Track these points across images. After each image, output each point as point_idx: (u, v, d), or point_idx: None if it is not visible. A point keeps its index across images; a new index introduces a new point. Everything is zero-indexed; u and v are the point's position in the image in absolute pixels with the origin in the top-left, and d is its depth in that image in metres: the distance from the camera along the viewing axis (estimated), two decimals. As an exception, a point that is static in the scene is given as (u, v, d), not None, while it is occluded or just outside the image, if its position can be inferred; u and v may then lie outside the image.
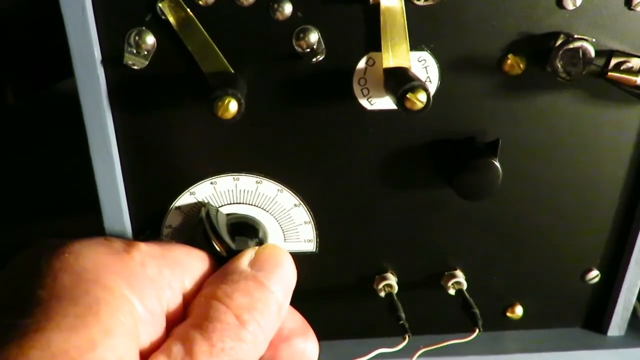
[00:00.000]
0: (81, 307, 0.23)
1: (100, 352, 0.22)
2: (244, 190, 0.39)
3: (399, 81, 0.33)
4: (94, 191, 0.37)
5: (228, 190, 0.39)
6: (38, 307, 0.22)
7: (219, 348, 0.25)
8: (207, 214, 0.36)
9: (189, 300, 0.28)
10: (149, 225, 0.39)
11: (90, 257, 0.25)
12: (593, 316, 0.47)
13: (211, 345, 0.25)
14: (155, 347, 0.25)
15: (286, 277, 0.30)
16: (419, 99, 0.32)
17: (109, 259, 0.26)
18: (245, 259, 0.30)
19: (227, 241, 0.32)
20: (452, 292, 0.43)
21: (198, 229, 0.35)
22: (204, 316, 0.26)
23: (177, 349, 0.25)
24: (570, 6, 0.34)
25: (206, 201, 0.39)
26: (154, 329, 0.26)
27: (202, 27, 0.33)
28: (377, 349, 0.39)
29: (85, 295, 0.23)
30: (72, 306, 0.23)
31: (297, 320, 0.34)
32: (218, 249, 0.32)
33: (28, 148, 0.65)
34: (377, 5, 0.33)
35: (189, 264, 0.29)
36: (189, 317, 0.27)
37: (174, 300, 0.28)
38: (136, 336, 0.24)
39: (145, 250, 0.28)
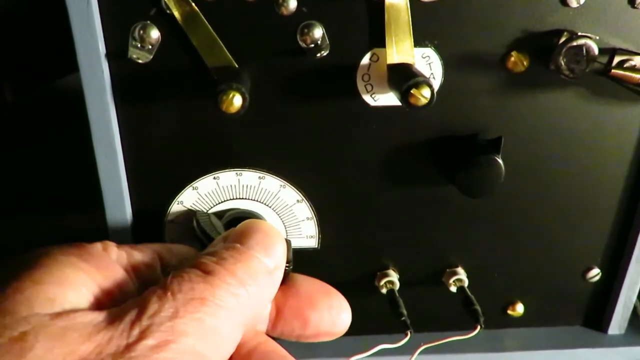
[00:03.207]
0: (17, 268, 0.25)
1: (26, 294, 0.24)
2: (247, 186, 0.39)
3: (403, 77, 0.33)
4: (95, 188, 0.37)
5: (231, 186, 0.39)
6: None
7: (175, 290, 0.24)
8: (198, 223, 0.36)
9: None
10: (150, 222, 0.39)
11: (46, 249, 0.27)
12: (593, 314, 0.47)
13: (166, 289, 0.24)
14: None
15: (266, 239, 0.29)
16: (423, 95, 0.32)
17: (67, 246, 0.27)
18: (217, 239, 0.30)
19: None
20: (453, 289, 0.43)
21: (193, 236, 0.35)
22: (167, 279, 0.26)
23: (131, 301, 0.25)
24: (574, 4, 0.34)
25: (195, 209, 0.39)
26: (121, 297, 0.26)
27: (206, 22, 0.33)
28: (378, 345, 0.39)
29: (26, 262, 0.25)
30: (10, 270, 0.25)
31: (321, 286, 0.34)
32: None
33: (27, 146, 0.65)
34: (382, 1, 0.34)
35: (165, 251, 0.30)
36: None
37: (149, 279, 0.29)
38: (84, 292, 0.25)
39: (111, 243, 0.29)
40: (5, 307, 0.23)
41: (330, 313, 0.33)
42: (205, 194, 0.39)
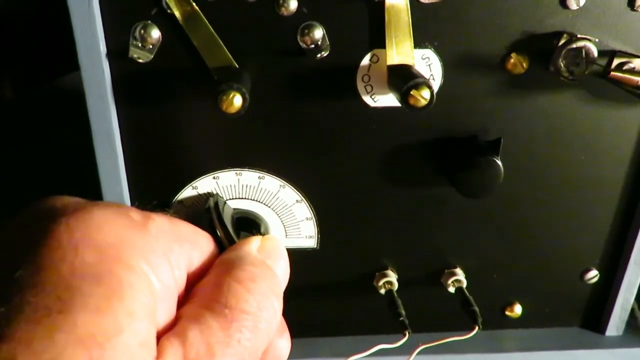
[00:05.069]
0: (105, 288, 0.22)
1: (125, 337, 0.21)
2: (246, 186, 0.39)
3: (403, 78, 0.33)
4: (95, 187, 0.38)
5: (230, 185, 0.39)
6: (61, 285, 0.21)
7: (236, 339, 0.24)
8: (216, 204, 0.36)
9: (192, 279, 0.27)
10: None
11: (112, 230, 0.24)
12: (591, 316, 0.47)
13: (228, 335, 0.24)
14: (168, 326, 0.24)
15: (286, 269, 0.30)
16: (423, 96, 0.32)
17: (129, 232, 0.24)
18: (254, 245, 0.29)
19: (232, 234, 0.32)
20: (451, 290, 0.43)
21: (204, 218, 0.34)
22: (220, 300, 0.25)
23: (193, 335, 0.23)
24: (573, 6, 0.34)
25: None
26: (168, 307, 0.25)
27: (207, 22, 0.33)
28: (377, 345, 0.39)
29: (109, 275, 0.22)
30: (96, 286, 0.22)
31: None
32: (222, 240, 0.31)
33: (27, 144, 0.65)
34: (382, 2, 0.34)
35: (195, 242, 0.28)
36: (200, 297, 0.26)
37: (180, 279, 0.26)
38: (154, 317, 0.24)
39: (159, 222, 0.26)
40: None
41: (280, 352, 0.31)
42: (205, 193, 0.39)
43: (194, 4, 0.33)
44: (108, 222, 0.24)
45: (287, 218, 0.40)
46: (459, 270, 0.43)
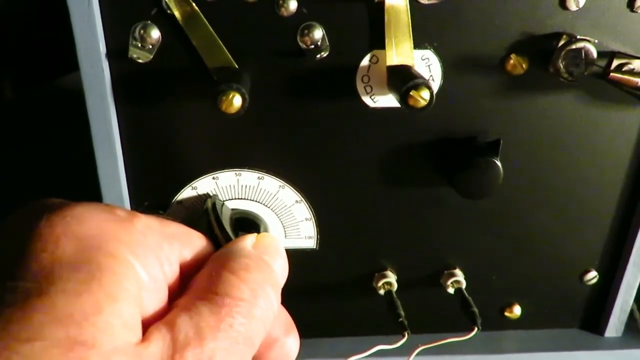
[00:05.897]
0: (84, 273, 0.22)
1: (105, 317, 0.21)
2: (246, 186, 0.39)
3: (403, 79, 0.33)
4: (94, 187, 0.38)
5: (230, 186, 0.39)
6: (40, 271, 0.22)
7: (227, 323, 0.24)
8: (214, 205, 0.36)
9: (186, 275, 0.27)
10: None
11: (93, 223, 0.24)
12: (590, 317, 0.47)
13: (219, 320, 0.24)
14: (158, 316, 0.24)
15: (284, 266, 0.29)
16: (422, 97, 0.32)
17: (111, 226, 0.25)
18: (248, 242, 0.29)
19: (230, 235, 0.32)
20: (451, 290, 0.43)
21: (202, 219, 0.34)
22: (212, 289, 0.25)
23: (181, 321, 0.23)
24: (573, 7, 0.34)
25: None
26: (157, 297, 0.25)
27: (207, 22, 0.33)
28: (376, 346, 0.39)
29: (88, 262, 0.23)
30: (75, 272, 0.22)
31: (284, 316, 0.33)
32: (220, 240, 0.32)
33: (27, 144, 0.65)
34: (382, 3, 0.34)
35: (186, 240, 0.28)
36: (192, 289, 0.26)
37: (172, 274, 0.27)
38: (140, 303, 0.24)
39: (145, 220, 0.27)
40: (85, 337, 0.21)
41: (287, 351, 0.31)
42: (204, 194, 0.39)
43: (193, 4, 0.33)
44: (90, 216, 0.24)
45: (287, 219, 0.40)
46: (458, 271, 0.43)
